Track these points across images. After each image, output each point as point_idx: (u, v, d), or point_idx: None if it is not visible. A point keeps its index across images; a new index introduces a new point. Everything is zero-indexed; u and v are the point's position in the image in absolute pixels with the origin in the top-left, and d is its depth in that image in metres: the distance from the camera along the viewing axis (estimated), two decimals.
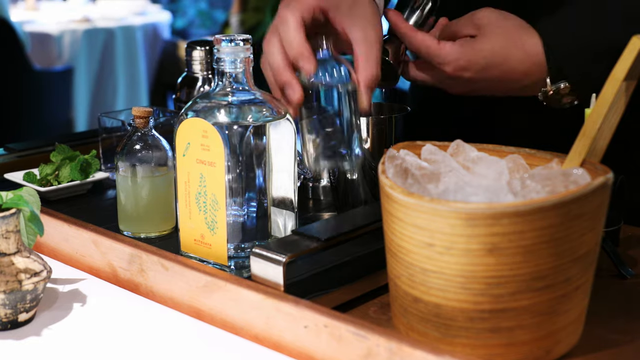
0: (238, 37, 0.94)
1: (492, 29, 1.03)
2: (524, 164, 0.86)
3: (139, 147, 1.07)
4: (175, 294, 0.91)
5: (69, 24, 4.41)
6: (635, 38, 0.77)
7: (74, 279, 0.99)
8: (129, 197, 1.08)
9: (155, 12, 5.11)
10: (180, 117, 0.95)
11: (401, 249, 0.77)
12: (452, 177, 0.84)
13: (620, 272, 0.96)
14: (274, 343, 0.82)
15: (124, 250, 0.96)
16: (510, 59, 1.03)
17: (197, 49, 1.35)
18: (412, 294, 0.78)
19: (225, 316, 0.87)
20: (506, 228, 0.71)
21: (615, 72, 0.78)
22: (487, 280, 0.73)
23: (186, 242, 0.98)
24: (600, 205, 0.76)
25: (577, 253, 0.75)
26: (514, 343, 0.76)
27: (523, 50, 1.02)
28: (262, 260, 0.85)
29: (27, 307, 0.87)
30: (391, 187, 0.77)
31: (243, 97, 0.95)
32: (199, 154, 0.93)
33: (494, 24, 1.04)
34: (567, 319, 0.77)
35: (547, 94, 1.04)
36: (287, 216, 0.98)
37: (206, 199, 0.93)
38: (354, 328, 0.75)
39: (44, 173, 1.23)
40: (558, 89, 1.03)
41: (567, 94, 1.04)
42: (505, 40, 1.03)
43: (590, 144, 0.81)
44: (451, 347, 0.77)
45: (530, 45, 1.02)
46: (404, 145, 0.90)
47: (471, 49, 1.03)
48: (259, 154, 0.94)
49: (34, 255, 0.89)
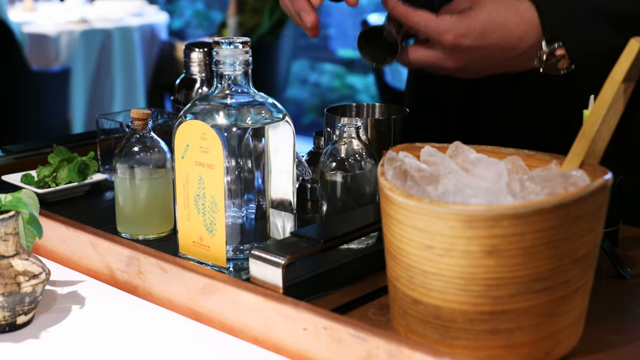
0: (237, 40, 0.94)
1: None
2: (523, 166, 0.86)
3: (138, 149, 1.07)
4: (173, 296, 0.91)
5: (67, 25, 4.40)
6: (633, 40, 0.77)
7: (72, 281, 0.99)
8: (127, 199, 1.07)
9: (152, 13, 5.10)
10: (179, 119, 0.95)
11: (401, 250, 0.77)
12: (451, 179, 0.84)
13: (619, 272, 0.96)
14: (273, 345, 0.82)
15: (122, 252, 0.96)
16: (507, 23, 1.05)
17: (195, 51, 1.35)
18: (411, 295, 0.78)
19: (224, 318, 0.86)
20: (506, 230, 0.71)
21: (613, 73, 0.78)
22: (486, 282, 0.73)
23: (185, 244, 0.98)
24: (599, 207, 0.76)
25: (577, 254, 0.75)
26: (514, 345, 0.76)
27: (518, 14, 1.05)
28: (261, 262, 0.85)
29: (25, 309, 0.87)
30: (390, 189, 0.77)
31: (242, 99, 0.95)
32: (198, 156, 0.93)
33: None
34: (567, 320, 0.77)
35: (542, 59, 1.06)
36: (285, 218, 0.98)
37: (205, 200, 0.93)
38: (353, 330, 0.75)
39: (41, 175, 1.23)
40: (553, 51, 1.06)
41: (562, 58, 1.06)
42: (500, 6, 1.06)
43: (589, 146, 0.81)
44: (451, 349, 0.77)
45: (524, 10, 1.05)
46: (403, 147, 0.90)
47: (469, 17, 1.06)
48: (258, 155, 0.94)
49: (33, 257, 0.89)
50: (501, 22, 1.05)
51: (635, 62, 0.78)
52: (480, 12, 1.05)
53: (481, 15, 1.05)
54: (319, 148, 1.22)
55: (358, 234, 0.92)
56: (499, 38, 1.05)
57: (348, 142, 1.00)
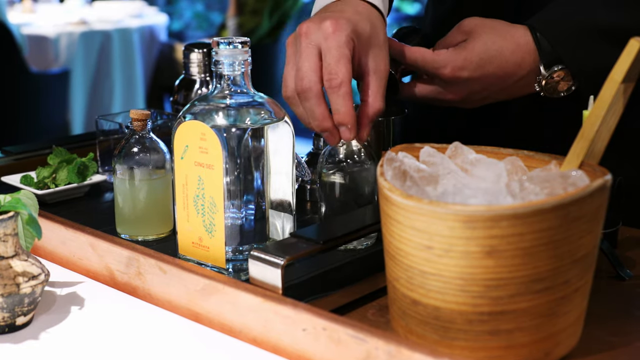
0: (236, 40, 0.94)
1: (481, 29, 1.07)
2: (522, 166, 0.86)
3: (137, 150, 1.07)
4: (173, 297, 0.91)
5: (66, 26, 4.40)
6: (633, 40, 0.77)
7: (71, 282, 0.99)
8: (127, 200, 1.07)
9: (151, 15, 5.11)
10: (178, 120, 0.95)
11: (400, 251, 0.77)
12: (450, 179, 0.84)
13: (618, 273, 0.96)
14: (272, 346, 0.82)
15: (122, 253, 0.96)
16: (503, 51, 1.05)
17: (194, 52, 1.35)
18: (410, 296, 0.78)
19: (223, 319, 0.86)
20: (505, 230, 0.71)
21: (613, 74, 0.78)
22: (486, 283, 0.73)
23: (184, 245, 0.98)
24: (599, 207, 0.76)
25: (576, 255, 0.75)
26: (513, 345, 0.76)
27: (513, 41, 1.06)
28: (260, 263, 0.85)
29: (24, 310, 0.87)
30: (390, 189, 0.77)
31: (241, 99, 0.94)
32: (197, 156, 0.93)
33: (481, 25, 1.07)
34: (566, 321, 0.77)
35: (542, 83, 1.07)
36: (285, 219, 0.98)
37: (204, 201, 0.93)
38: (352, 331, 0.75)
39: (41, 176, 1.23)
40: (552, 74, 1.06)
41: (562, 79, 1.06)
42: (495, 36, 1.06)
43: (588, 146, 0.81)
44: (450, 349, 0.77)
45: (520, 37, 1.06)
46: (402, 147, 0.90)
47: (465, 50, 1.06)
48: (257, 156, 0.94)
49: (32, 258, 0.89)
50: (497, 51, 1.05)
51: (635, 62, 0.77)
52: (475, 43, 1.06)
53: (477, 46, 1.05)
54: (318, 149, 1.22)
55: (357, 234, 0.92)
56: (496, 67, 1.06)
57: (347, 143, 1.00)
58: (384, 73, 0.98)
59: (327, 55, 0.94)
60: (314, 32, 0.95)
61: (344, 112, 0.93)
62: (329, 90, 0.93)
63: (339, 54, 0.93)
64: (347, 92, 0.93)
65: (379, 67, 0.98)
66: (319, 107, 0.94)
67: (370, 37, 0.97)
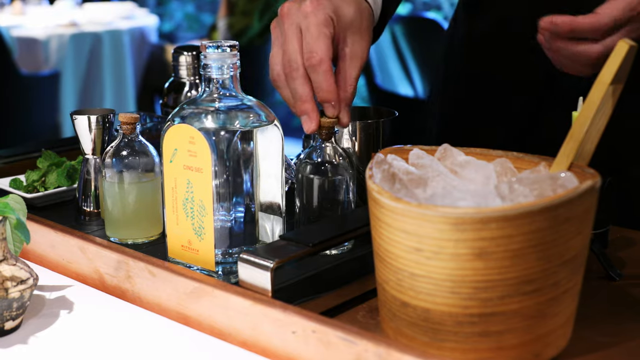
0: (225, 43, 0.93)
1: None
2: (511, 168, 0.86)
3: (126, 153, 1.07)
4: (162, 300, 0.91)
5: (56, 28, 4.39)
6: (621, 42, 0.77)
7: (60, 285, 0.99)
8: (116, 203, 1.07)
9: (142, 16, 5.10)
10: (167, 123, 0.94)
11: (389, 253, 0.77)
12: (439, 181, 0.84)
13: (609, 274, 0.96)
14: (262, 349, 0.82)
15: (111, 256, 0.96)
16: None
17: (184, 54, 1.34)
18: (400, 298, 0.78)
19: (212, 322, 0.86)
20: (494, 232, 0.71)
21: (602, 75, 0.78)
22: (475, 285, 0.73)
23: (173, 248, 0.97)
24: (588, 209, 0.76)
25: (566, 256, 0.75)
26: (503, 347, 0.76)
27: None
28: (249, 265, 0.85)
29: (13, 315, 0.86)
30: (379, 192, 0.77)
31: (230, 102, 0.94)
32: (186, 160, 0.93)
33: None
34: (556, 322, 0.77)
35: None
36: (274, 221, 0.98)
37: (193, 204, 0.93)
38: (342, 333, 0.75)
39: (30, 179, 1.22)
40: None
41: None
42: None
43: (577, 147, 0.81)
44: (440, 351, 0.77)
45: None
46: (392, 150, 0.90)
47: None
48: (247, 159, 0.93)
49: (20, 262, 0.88)
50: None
51: (624, 63, 0.78)
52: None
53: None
54: None
55: (347, 237, 0.92)
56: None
57: (326, 145, 0.99)
58: (361, 61, 0.97)
59: (306, 34, 0.94)
60: (295, 12, 0.95)
61: (326, 88, 0.93)
62: (309, 68, 0.93)
63: (317, 32, 0.93)
64: (328, 69, 0.92)
65: (357, 53, 0.97)
66: (304, 87, 0.94)
67: (352, 22, 0.96)
